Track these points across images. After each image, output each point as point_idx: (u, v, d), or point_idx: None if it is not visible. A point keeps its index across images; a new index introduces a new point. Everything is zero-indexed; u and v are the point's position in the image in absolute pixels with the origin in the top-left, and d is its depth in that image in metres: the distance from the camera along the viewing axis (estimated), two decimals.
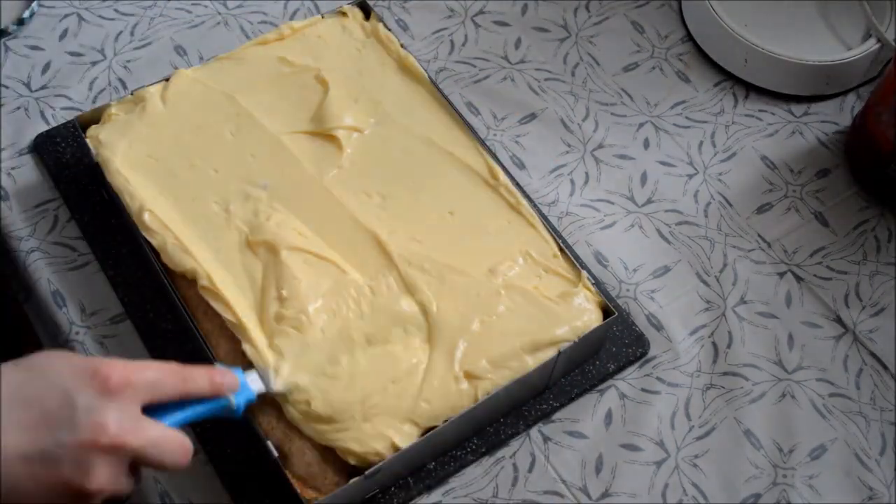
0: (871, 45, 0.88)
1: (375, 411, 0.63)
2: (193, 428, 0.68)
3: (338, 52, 0.80)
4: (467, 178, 0.74)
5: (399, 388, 0.64)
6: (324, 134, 0.75)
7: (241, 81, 0.78)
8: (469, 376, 0.65)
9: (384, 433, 0.62)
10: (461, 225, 0.72)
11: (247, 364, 0.63)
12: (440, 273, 0.69)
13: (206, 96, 0.76)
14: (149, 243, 0.69)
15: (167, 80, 0.77)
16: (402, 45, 0.80)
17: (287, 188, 0.72)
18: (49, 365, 0.50)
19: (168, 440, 0.52)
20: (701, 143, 0.86)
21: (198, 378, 0.55)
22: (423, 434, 0.63)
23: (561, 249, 0.71)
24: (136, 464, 0.51)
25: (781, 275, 0.79)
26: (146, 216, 0.69)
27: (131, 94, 0.76)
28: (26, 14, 0.87)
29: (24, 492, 0.48)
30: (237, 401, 0.58)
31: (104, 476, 0.49)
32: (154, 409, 0.53)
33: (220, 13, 0.90)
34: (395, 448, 0.62)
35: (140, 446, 0.50)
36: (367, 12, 0.83)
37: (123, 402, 0.50)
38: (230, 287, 0.67)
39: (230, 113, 0.76)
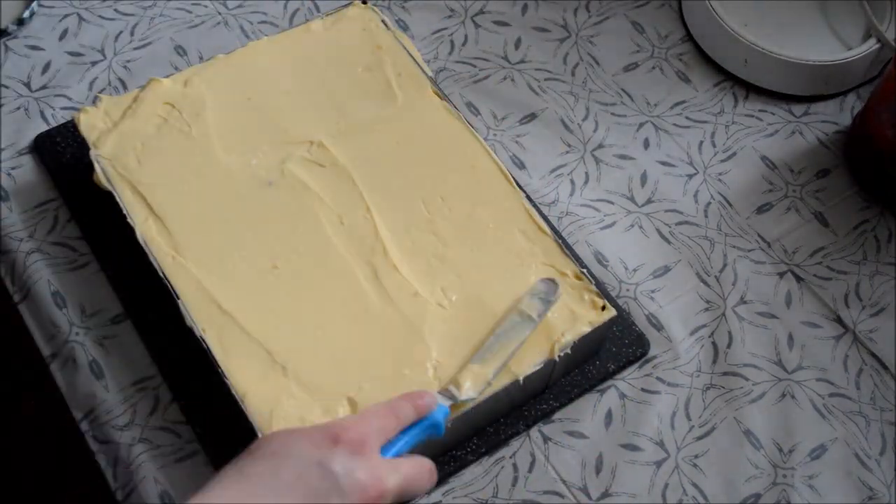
0: (871, 45, 0.88)
1: None
2: (193, 428, 0.68)
3: (338, 51, 0.80)
4: (467, 178, 0.74)
5: None
6: (322, 135, 0.75)
7: (238, 84, 0.78)
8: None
9: None
10: (462, 225, 0.72)
11: None
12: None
13: (208, 101, 0.76)
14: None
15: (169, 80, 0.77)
16: (401, 45, 0.80)
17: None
18: (290, 444, 0.52)
19: (416, 468, 0.56)
20: (701, 143, 0.86)
21: (405, 408, 0.58)
22: None
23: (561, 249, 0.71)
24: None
25: (781, 275, 0.79)
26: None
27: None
28: (26, 14, 0.87)
29: None
30: (438, 417, 0.60)
31: None
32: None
33: (220, 13, 0.90)
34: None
35: (399, 485, 0.54)
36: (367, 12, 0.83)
37: (368, 454, 0.53)
38: None
39: (229, 119, 0.76)
